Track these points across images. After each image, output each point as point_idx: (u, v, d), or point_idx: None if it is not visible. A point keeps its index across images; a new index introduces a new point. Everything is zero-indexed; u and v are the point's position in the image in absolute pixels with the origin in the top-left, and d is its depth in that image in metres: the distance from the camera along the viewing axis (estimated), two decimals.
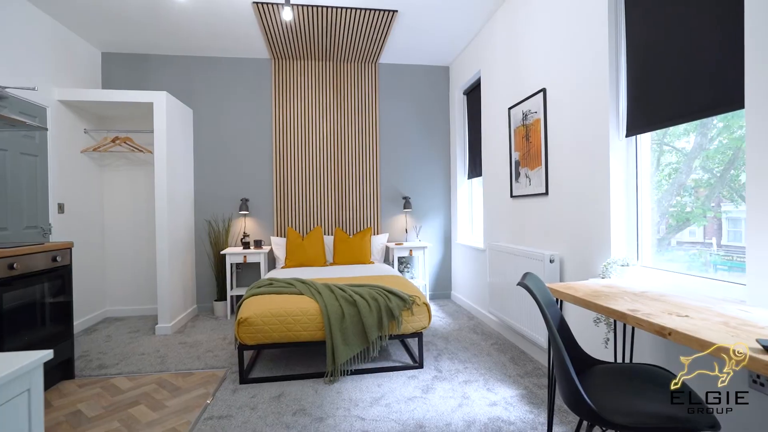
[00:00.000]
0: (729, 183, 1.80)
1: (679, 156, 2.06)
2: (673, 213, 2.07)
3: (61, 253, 2.55)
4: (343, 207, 4.64)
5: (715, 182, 1.85)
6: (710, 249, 1.87)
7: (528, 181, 3.08)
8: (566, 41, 2.56)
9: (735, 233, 1.79)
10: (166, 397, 2.41)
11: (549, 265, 2.62)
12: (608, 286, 1.76)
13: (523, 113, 3.12)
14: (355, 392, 2.43)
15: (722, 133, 1.81)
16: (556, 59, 2.68)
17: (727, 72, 1.57)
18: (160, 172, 3.62)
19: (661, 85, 1.90)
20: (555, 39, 2.68)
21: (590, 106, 2.34)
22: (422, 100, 4.84)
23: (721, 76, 1.60)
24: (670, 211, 2.08)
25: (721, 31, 1.60)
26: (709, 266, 1.85)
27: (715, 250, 1.84)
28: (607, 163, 2.19)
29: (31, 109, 3.15)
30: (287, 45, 4.15)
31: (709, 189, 1.90)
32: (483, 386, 2.49)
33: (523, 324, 2.90)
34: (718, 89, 1.61)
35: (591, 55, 2.32)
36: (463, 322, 3.88)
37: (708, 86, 1.65)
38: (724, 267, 1.78)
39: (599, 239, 2.27)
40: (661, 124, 1.91)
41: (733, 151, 1.76)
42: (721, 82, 1.60)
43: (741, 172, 1.70)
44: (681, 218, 2.04)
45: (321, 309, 2.62)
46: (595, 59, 2.28)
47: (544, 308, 1.34)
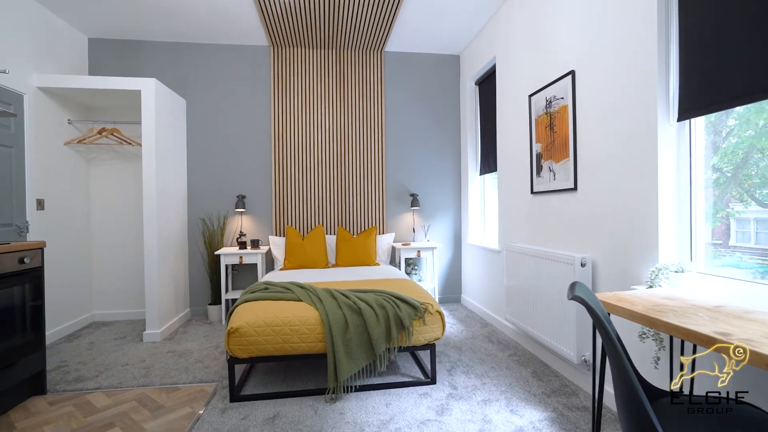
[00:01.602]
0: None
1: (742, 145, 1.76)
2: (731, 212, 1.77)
3: (30, 254, 2.26)
4: (347, 205, 4.35)
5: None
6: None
7: (552, 175, 2.77)
8: (601, 15, 2.25)
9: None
10: (146, 417, 2.12)
11: (579, 269, 2.31)
12: (669, 297, 1.45)
13: (547, 100, 2.82)
14: (361, 413, 2.14)
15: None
16: (587, 37, 2.38)
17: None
18: (148, 165, 3.33)
19: (725, 57, 1.59)
20: (588, 14, 2.37)
21: (632, 87, 2.03)
22: (431, 91, 4.53)
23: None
24: (728, 210, 1.78)
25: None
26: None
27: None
28: (654, 152, 1.89)
29: (4, 95, 2.87)
30: (287, 31, 3.85)
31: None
32: (505, 407, 2.19)
33: (547, 334, 2.60)
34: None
35: (634, 29, 2.01)
36: (476, 329, 3.58)
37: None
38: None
39: (642, 240, 1.97)
40: (728, 104, 1.60)
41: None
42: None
43: None
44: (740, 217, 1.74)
45: (322, 318, 2.33)
46: (639, 33, 1.97)
47: (606, 326, 1.04)
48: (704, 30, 1.69)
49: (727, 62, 1.58)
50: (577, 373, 2.44)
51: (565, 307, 2.39)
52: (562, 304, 2.42)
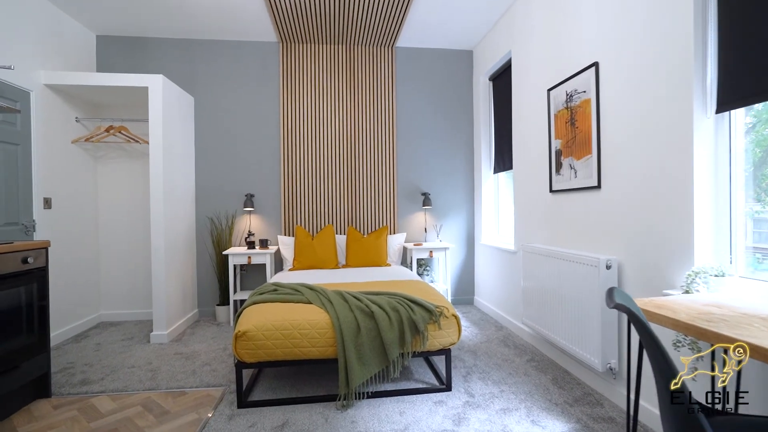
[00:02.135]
0: None
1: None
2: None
3: (33, 254, 2.20)
4: (357, 204, 4.25)
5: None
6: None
7: (573, 173, 2.64)
8: (628, 2, 2.12)
9: None
10: (151, 423, 2.05)
11: (604, 272, 2.18)
12: (714, 305, 1.33)
13: (567, 94, 2.69)
14: (373, 422, 2.04)
15: None
16: (613, 27, 2.24)
17: None
18: (155, 162, 3.27)
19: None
20: (614, 2, 2.24)
21: (663, 77, 1.90)
22: (443, 87, 4.41)
23: None
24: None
25: None
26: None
27: None
28: (689, 147, 1.76)
29: (10, 92, 2.82)
30: (296, 26, 3.76)
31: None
32: (526, 417, 2.07)
33: (568, 339, 2.47)
34: None
35: (666, 14, 1.87)
36: (490, 332, 3.46)
37: None
38: None
39: (675, 241, 1.83)
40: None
41: None
42: None
43: None
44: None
45: (332, 321, 2.23)
46: (672, 18, 1.84)
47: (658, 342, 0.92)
48: (748, 13, 1.55)
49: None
50: (601, 381, 2.32)
51: (588, 311, 2.26)
52: (585, 308, 2.30)
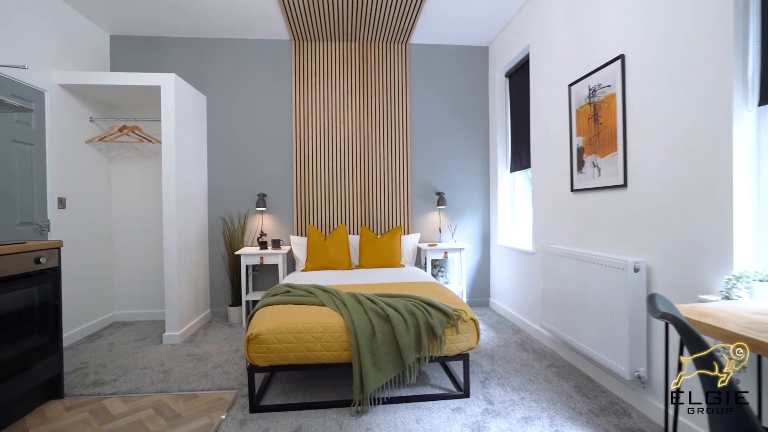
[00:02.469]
0: None
1: None
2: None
3: (46, 254, 2.18)
4: (370, 204, 4.18)
5: None
6: None
7: (596, 171, 2.53)
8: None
9: None
10: (162, 427, 2.01)
11: (632, 274, 2.07)
12: (764, 312, 1.22)
13: (590, 89, 2.57)
14: (389, 429, 1.96)
15: None
16: (641, 17, 2.13)
17: None
18: (167, 162, 3.25)
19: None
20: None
21: (697, 68, 1.78)
22: (457, 84, 4.32)
23: None
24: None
25: None
26: None
27: None
28: (728, 141, 1.64)
29: (25, 92, 2.82)
30: (309, 23, 3.71)
31: None
32: (549, 426, 1.98)
33: (591, 344, 2.36)
34: None
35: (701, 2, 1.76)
36: (508, 336, 3.35)
37: None
38: None
39: (711, 243, 1.72)
40: None
41: None
42: None
43: None
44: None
45: (347, 325, 2.16)
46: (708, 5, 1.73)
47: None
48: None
49: None
50: (628, 390, 2.20)
51: (614, 315, 2.15)
52: (610, 313, 2.19)
